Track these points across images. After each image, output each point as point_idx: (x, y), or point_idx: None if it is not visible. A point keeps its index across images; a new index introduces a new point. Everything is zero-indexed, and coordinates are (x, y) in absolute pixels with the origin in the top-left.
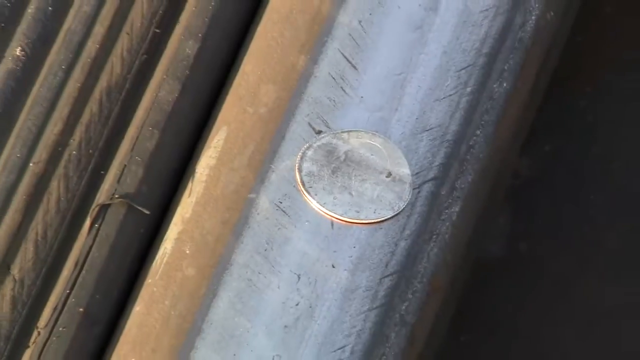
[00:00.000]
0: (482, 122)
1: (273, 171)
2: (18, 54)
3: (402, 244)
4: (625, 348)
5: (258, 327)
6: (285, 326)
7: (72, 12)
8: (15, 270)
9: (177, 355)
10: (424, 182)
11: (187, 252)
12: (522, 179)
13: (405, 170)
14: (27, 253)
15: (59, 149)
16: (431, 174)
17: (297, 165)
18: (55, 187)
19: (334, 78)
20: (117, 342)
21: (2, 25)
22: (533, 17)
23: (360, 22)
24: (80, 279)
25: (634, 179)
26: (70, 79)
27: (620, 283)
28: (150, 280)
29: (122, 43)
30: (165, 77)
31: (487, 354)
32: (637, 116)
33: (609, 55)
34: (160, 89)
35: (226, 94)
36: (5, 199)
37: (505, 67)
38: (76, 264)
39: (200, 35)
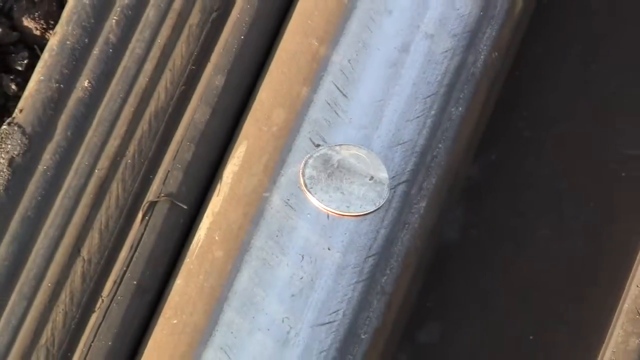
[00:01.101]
0: (443, 138)
1: (282, 175)
2: (86, 85)
3: (382, 231)
4: (552, 311)
5: (271, 296)
6: (292, 295)
7: (127, 53)
8: (84, 252)
9: (208, 317)
10: (398, 184)
11: (216, 238)
12: (473, 181)
13: (384, 175)
14: (93, 239)
15: (118, 158)
16: (404, 178)
17: (301, 171)
18: (115, 188)
19: (329, 104)
20: (163, 308)
21: (74, 63)
22: (482, 57)
23: (349, 60)
24: (134, 259)
25: (557, 183)
26: (126, 104)
27: (546, 261)
28: (188, 260)
29: (166, 77)
30: (199, 103)
31: (447, 316)
32: (561, 135)
33: (540, 86)
34: (196, 112)
35: (246, 116)
36: (76, 197)
37: (461, 96)
38: (131, 247)
39: (226, 70)
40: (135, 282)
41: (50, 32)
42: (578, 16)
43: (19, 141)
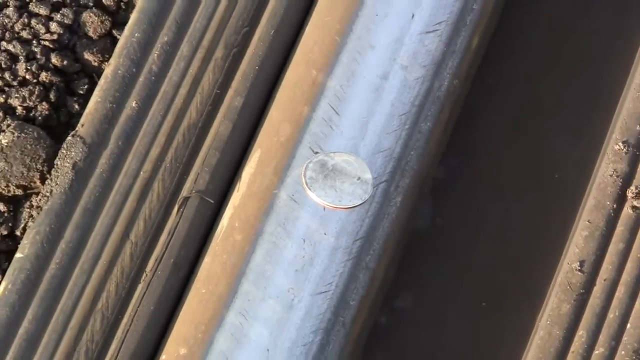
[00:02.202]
0: (415, 147)
1: (288, 176)
2: (134, 105)
3: (367, 220)
4: (501, 282)
5: (279, 271)
6: (296, 270)
7: (166, 80)
8: (132, 237)
9: (230, 288)
10: (380, 183)
11: (237, 225)
12: (439, 180)
13: (368, 176)
14: (139, 226)
15: (159, 163)
16: (384, 178)
17: (303, 173)
18: (156, 186)
19: (325, 120)
20: (194, 281)
21: (124, 88)
22: (445, 83)
23: (341, 86)
24: (171, 242)
25: (505, 181)
26: (165, 121)
27: (497, 244)
28: (214, 243)
29: (197, 99)
30: (223, 119)
31: (418, 287)
32: (507, 144)
33: (491, 106)
34: (220, 126)
35: (260, 129)
36: (126, 193)
37: (429, 114)
38: (169, 233)
39: (244, 94)
40: (172, 261)
41: (106, 63)
42: (521, 53)
43: (81, 149)
